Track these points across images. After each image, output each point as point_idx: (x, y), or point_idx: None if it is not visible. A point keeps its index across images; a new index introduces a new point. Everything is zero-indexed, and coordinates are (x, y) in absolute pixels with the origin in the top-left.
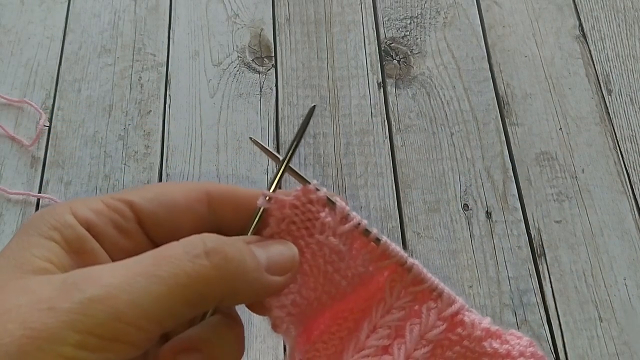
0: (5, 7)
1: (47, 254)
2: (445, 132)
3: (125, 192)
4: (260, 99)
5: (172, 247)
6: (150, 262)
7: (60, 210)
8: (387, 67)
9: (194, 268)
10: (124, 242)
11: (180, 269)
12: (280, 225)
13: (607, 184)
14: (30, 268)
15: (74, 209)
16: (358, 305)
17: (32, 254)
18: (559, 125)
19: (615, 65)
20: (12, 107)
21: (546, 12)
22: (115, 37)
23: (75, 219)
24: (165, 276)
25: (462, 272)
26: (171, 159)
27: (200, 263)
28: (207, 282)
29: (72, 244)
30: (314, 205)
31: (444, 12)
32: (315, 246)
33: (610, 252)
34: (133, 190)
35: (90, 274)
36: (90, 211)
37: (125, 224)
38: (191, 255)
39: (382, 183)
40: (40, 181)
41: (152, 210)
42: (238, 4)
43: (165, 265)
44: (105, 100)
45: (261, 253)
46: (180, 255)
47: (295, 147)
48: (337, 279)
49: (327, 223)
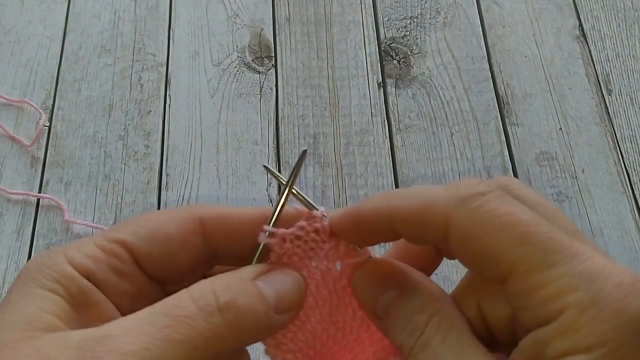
0: (5, 7)
1: (54, 309)
2: (445, 132)
3: (117, 230)
4: (260, 99)
5: (184, 302)
6: (166, 324)
7: (56, 259)
8: (387, 67)
9: (209, 328)
10: (125, 285)
11: (197, 331)
12: (282, 259)
13: (607, 184)
14: (40, 325)
15: (71, 258)
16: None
17: (40, 309)
18: (559, 125)
19: (615, 65)
20: (12, 107)
21: (546, 12)
22: (115, 37)
23: (74, 269)
24: (182, 339)
25: (463, 272)
26: (171, 159)
27: (215, 322)
28: (221, 340)
29: (75, 297)
30: (319, 234)
31: (444, 12)
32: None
33: (610, 252)
34: (124, 227)
35: (106, 342)
36: (87, 259)
37: (124, 267)
38: (205, 314)
39: (382, 183)
40: (40, 181)
41: (148, 248)
42: (238, 4)
43: (181, 327)
44: (105, 100)
45: (269, 291)
46: (195, 314)
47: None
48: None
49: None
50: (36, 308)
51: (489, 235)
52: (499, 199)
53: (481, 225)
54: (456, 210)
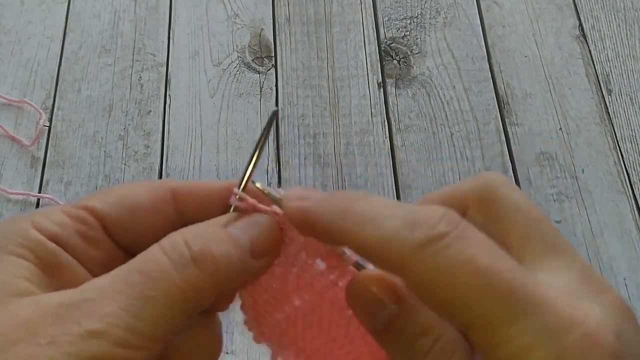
0: (5, 7)
1: (24, 273)
2: (445, 132)
3: (86, 199)
4: (260, 99)
5: (156, 256)
6: (140, 281)
7: (22, 225)
8: (387, 67)
9: (185, 280)
10: (93, 251)
11: (173, 284)
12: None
13: (607, 184)
14: (13, 290)
15: (37, 224)
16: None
17: (11, 274)
18: (559, 125)
19: (615, 65)
20: (12, 107)
21: (546, 12)
22: (115, 37)
23: (40, 234)
24: (158, 296)
25: None
26: (171, 159)
27: (190, 273)
28: (199, 290)
29: (45, 260)
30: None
31: (444, 12)
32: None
33: (610, 252)
34: (93, 196)
35: (83, 305)
36: (54, 224)
37: (91, 232)
38: (179, 266)
39: (382, 183)
40: (40, 181)
41: (117, 214)
42: (238, 4)
43: (156, 282)
44: (105, 100)
45: (242, 236)
46: (168, 267)
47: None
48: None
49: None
50: (7, 274)
51: (444, 289)
52: (459, 241)
53: (438, 276)
54: (410, 258)
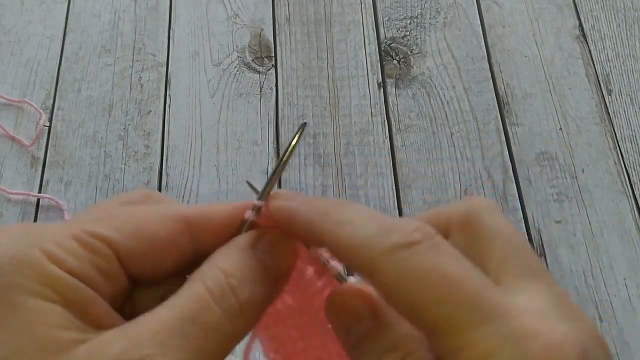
0: (5, 7)
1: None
2: (445, 132)
3: (97, 224)
4: (260, 99)
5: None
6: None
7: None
8: (387, 67)
9: (235, 329)
10: (105, 282)
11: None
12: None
13: (607, 184)
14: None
15: (52, 256)
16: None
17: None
18: (559, 125)
19: (615, 65)
20: (12, 107)
21: (546, 12)
22: (115, 37)
23: (59, 268)
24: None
25: None
26: (171, 159)
27: (239, 324)
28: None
29: (70, 299)
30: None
31: (444, 12)
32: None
33: (610, 252)
34: (104, 222)
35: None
36: (70, 256)
37: (106, 265)
38: (230, 316)
39: (382, 183)
40: (40, 181)
41: (133, 246)
42: (238, 4)
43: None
44: (105, 100)
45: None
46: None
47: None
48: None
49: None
50: (42, 327)
51: (412, 293)
52: (430, 249)
53: (405, 280)
54: (381, 260)
